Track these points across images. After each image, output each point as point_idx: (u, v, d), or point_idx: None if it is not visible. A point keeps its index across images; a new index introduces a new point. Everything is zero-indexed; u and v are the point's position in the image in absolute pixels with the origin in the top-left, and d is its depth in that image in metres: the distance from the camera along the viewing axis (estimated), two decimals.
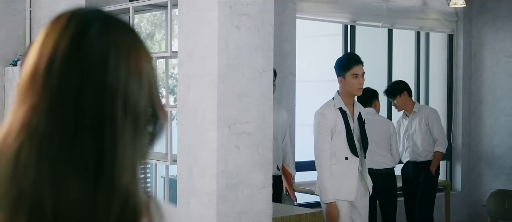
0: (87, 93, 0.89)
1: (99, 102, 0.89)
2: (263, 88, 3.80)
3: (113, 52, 0.92)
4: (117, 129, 0.90)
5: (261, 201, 3.78)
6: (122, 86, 0.91)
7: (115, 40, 0.93)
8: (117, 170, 0.89)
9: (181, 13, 3.83)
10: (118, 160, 0.89)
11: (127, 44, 0.95)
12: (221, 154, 3.62)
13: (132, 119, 0.92)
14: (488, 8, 7.98)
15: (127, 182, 0.90)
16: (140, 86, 0.94)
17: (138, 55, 0.95)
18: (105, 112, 0.89)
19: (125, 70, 0.92)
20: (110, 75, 0.91)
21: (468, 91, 8.14)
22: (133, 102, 0.92)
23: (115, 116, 0.90)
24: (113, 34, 0.94)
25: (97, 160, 0.88)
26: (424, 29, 7.97)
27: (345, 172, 4.51)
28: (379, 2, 7.34)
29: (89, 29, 0.92)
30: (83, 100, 0.89)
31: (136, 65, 0.94)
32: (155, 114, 0.96)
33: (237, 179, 3.68)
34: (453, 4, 7.39)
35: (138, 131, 0.93)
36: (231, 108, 3.67)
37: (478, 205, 7.75)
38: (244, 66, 3.72)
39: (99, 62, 0.91)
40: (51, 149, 0.88)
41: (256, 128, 3.76)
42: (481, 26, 8.06)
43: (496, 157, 7.86)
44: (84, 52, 0.91)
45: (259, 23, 3.77)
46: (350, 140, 4.52)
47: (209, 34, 3.65)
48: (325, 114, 4.53)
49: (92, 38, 0.92)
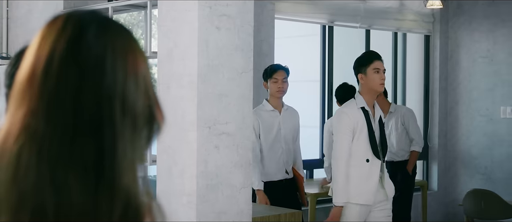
0: (85, 95, 0.90)
1: (98, 103, 0.90)
2: (242, 88, 3.80)
3: (110, 54, 0.93)
4: (116, 130, 0.90)
5: (241, 201, 3.79)
6: (120, 87, 0.92)
7: (112, 42, 0.94)
8: (118, 171, 0.90)
9: (161, 13, 3.83)
10: (118, 160, 0.90)
11: (124, 45, 0.95)
12: (201, 154, 3.63)
13: (130, 119, 0.92)
14: (464, 10, 8.06)
15: (128, 182, 0.90)
16: (137, 87, 0.94)
17: (135, 56, 0.96)
18: (103, 113, 0.90)
19: (123, 72, 0.93)
20: (107, 76, 0.91)
21: (444, 91, 8.21)
22: (131, 103, 0.93)
23: (114, 117, 0.91)
24: (109, 36, 0.95)
25: (97, 161, 0.89)
26: (401, 30, 8.04)
27: (365, 174, 4.30)
28: (357, 3, 7.38)
29: (86, 31, 0.93)
30: (82, 102, 0.90)
31: (133, 66, 0.95)
32: (152, 115, 0.97)
33: (217, 179, 3.69)
34: (430, 5, 7.45)
35: (136, 131, 0.94)
36: (211, 109, 3.67)
37: (454, 204, 7.83)
38: (224, 66, 3.72)
39: (97, 64, 0.91)
40: (51, 151, 0.88)
41: (236, 128, 3.76)
42: (458, 27, 8.14)
43: (472, 157, 7.95)
44: (81, 55, 0.91)
45: (239, 24, 3.78)
46: (372, 141, 4.32)
47: (189, 35, 3.65)
48: (347, 113, 4.35)
49: (89, 40, 0.92)
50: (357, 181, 4.28)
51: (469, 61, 8.01)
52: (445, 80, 8.22)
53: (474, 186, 7.28)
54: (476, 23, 7.95)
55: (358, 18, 7.40)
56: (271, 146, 5.18)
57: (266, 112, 5.23)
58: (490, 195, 5.86)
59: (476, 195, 5.92)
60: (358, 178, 4.29)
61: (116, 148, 0.90)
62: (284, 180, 5.23)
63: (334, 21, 7.26)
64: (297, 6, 6.86)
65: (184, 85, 3.67)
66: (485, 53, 7.85)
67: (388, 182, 4.43)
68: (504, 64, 7.66)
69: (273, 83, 5.22)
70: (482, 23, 7.89)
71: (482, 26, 7.89)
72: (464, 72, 8.06)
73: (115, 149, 0.90)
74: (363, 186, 4.28)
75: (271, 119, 5.22)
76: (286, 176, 5.25)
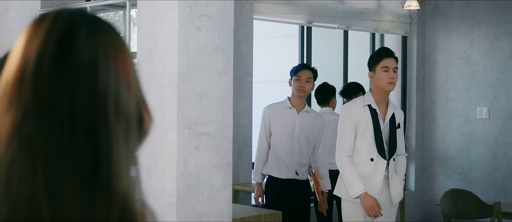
0: (79, 98, 0.86)
1: (92, 107, 0.87)
2: (223, 89, 3.80)
3: (102, 54, 0.89)
4: (111, 134, 0.87)
5: (221, 202, 3.78)
6: (113, 89, 0.89)
7: (104, 42, 0.91)
8: (114, 175, 0.87)
9: (140, 13, 3.80)
10: (114, 165, 0.87)
11: (114, 46, 0.92)
12: (181, 155, 3.61)
13: (124, 122, 0.90)
14: (441, 11, 8.13)
15: (124, 187, 0.88)
16: (129, 88, 0.91)
17: (125, 56, 0.93)
18: (98, 117, 0.87)
19: (115, 73, 0.90)
20: (101, 78, 0.88)
21: (421, 92, 8.27)
22: (124, 105, 0.90)
23: (108, 120, 0.87)
24: (101, 36, 0.91)
25: (93, 166, 0.86)
26: (379, 31, 8.08)
27: (369, 174, 4.19)
28: (335, 4, 7.40)
29: (77, 31, 0.89)
30: (76, 105, 0.86)
31: (124, 67, 0.92)
32: (141, 116, 0.94)
33: (197, 180, 3.68)
34: (407, 6, 7.50)
35: (130, 134, 0.91)
36: (191, 109, 3.66)
37: (432, 204, 7.89)
38: (204, 67, 3.71)
39: (90, 66, 0.88)
40: (46, 158, 0.84)
41: (216, 129, 3.75)
42: (434, 28, 8.20)
43: (449, 157, 8.01)
44: (74, 56, 0.88)
45: (219, 24, 3.77)
46: (378, 140, 4.19)
47: (169, 35, 3.64)
48: (350, 109, 4.26)
49: (80, 40, 0.89)
50: (360, 179, 4.17)
51: (446, 62, 8.07)
52: (422, 80, 8.28)
53: (451, 186, 7.34)
54: (452, 25, 8.02)
55: (336, 19, 7.43)
56: (283, 143, 5.12)
57: (283, 108, 5.18)
58: (467, 195, 5.91)
59: (453, 195, 5.96)
60: (362, 177, 4.17)
61: (112, 152, 0.87)
62: (294, 180, 5.14)
63: (312, 22, 7.27)
64: (275, 6, 6.87)
65: (164, 85, 3.65)
66: (461, 54, 7.92)
67: (395, 186, 4.28)
68: (480, 65, 7.73)
69: (295, 81, 5.15)
70: (459, 25, 7.95)
71: (458, 27, 7.96)
72: (441, 73, 8.12)
73: (111, 153, 0.87)
74: (367, 185, 4.15)
75: (286, 116, 5.15)
76: (296, 176, 5.14)
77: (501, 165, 7.53)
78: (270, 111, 5.16)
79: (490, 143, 7.63)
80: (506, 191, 7.45)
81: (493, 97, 7.63)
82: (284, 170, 5.12)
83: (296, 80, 5.13)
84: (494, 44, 7.63)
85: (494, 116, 7.60)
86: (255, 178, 5.19)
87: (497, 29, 7.60)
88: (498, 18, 7.59)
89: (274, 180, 5.11)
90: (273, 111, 5.16)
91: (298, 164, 5.14)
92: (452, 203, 5.91)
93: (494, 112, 7.61)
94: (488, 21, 7.68)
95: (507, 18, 7.51)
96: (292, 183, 5.12)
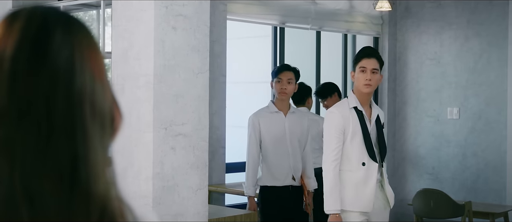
0: (56, 99, 0.85)
1: (69, 107, 0.85)
2: (199, 89, 3.78)
3: (78, 54, 0.88)
4: (88, 134, 0.86)
5: (197, 203, 3.76)
6: (89, 89, 0.87)
7: (79, 41, 0.89)
8: (92, 176, 0.86)
9: (116, 12, 3.77)
10: (92, 166, 0.86)
11: (89, 45, 0.91)
12: (157, 155, 3.59)
13: (99, 122, 0.88)
14: (412, 12, 8.20)
15: (103, 187, 0.87)
16: (103, 88, 0.90)
17: (98, 56, 0.92)
18: (75, 117, 0.85)
19: (90, 73, 0.88)
20: (77, 78, 0.86)
21: (393, 92, 8.34)
22: (99, 105, 0.89)
23: (85, 120, 0.86)
24: (76, 35, 0.90)
25: (72, 167, 0.84)
26: (351, 32, 8.13)
27: (361, 179, 3.98)
28: (308, 5, 7.43)
29: (53, 30, 0.87)
30: (53, 106, 0.84)
31: (98, 67, 0.91)
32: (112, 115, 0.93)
33: (173, 181, 3.65)
34: (379, 7, 7.55)
35: (104, 134, 0.90)
36: (167, 110, 3.64)
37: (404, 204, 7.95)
38: (180, 67, 3.69)
39: (66, 66, 0.86)
40: (24, 160, 0.83)
41: (192, 129, 3.74)
42: (406, 29, 8.27)
43: (420, 157, 8.09)
44: (50, 56, 0.86)
45: (195, 24, 3.75)
46: (367, 143, 3.98)
47: (145, 35, 3.61)
48: (337, 113, 4.02)
49: (56, 40, 0.87)
50: (353, 186, 3.98)
51: (417, 63, 8.15)
52: (393, 81, 8.34)
53: (422, 185, 7.41)
54: (423, 26, 8.10)
55: (309, 19, 7.45)
56: (276, 149, 4.94)
57: (270, 113, 5.00)
58: (439, 195, 5.96)
59: (425, 194, 6.02)
60: (354, 183, 3.97)
61: (89, 153, 0.86)
62: (290, 186, 4.97)
63: (285, 22, 7.29)
64: (249, 7, 6.87)
65: (140, 86, 3.63)
66: (432, 55, 8.00)
67: (389, 188, 4.12)
68: (450, 66, 7.82)
69: (276, 83, 4.99)
70: (430, 26, 8.03)
71: (429, 28, 8.04)
72: (412, 74, 8.19)
73: (88, 154, 0.86)
74: (360, 191, 3.97)
75: (274, 121, 4.98)
76: (293, 182, 4.97)
77: (471, 165, 7.62)
78: (258, 118, 4.97)
79: (461, 143, 7.72)
80: (476, 190, 7.55)
81: (463, 98, 7.72)
82: (280, 177, 4.94)
83: (277, 82, 4.99)
84: (464, 46, 7.72)
85: (464, 116, 7.69)
86: (247, 192, 4.92)
87: (467, 30, 7.70)
88: (468, 19, 7.68)
89: (269, 189, 4.91)
90: (261, 117, 4.98)
91: (294, 168, 4.97)
92: (424, 202, 5.97)
93: (464, 112, 7.70)
94: (459, 22, 7.77)
95: (477, 19, 7.60)
96: (288, 190, 4.96)
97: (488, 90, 7.51)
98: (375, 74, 4.02)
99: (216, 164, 6.40)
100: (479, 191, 7.52)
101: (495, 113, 7.44)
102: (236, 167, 6.78)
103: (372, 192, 3.97)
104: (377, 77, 4.04)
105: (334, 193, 3.93)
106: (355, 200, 3.97)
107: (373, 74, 4.00)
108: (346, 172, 3.99)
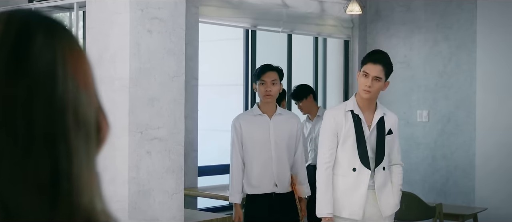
0: (37, 108, 0.80)
1: (50, 117, 0.81)
2: (174, 93, 3.76)
3: (60, 60, 0.83)
4: (71, 145, 0.82)
5: (173, 207, 3.73)
6: (72, 97, 0.83)
7: (61, 47, 0.84)
8: (76, 188, 0.81)
9: (90, 15, 3.73)
10: (75, 177, 0.81)
11: (72, 50, 0.86)
12: (132, 160, 3.55)
13: (84, 132, 0.84)
14: (382, 16, 8.26)
15: (87, 199, 0.83)
16: (88, 96, 0.86)
17: (83, 61, 0.87)
18: (57, 128, 0.81)
19: (73, 80, 0.84)
20: (59, 86, 0.82)
21: None
22: (83, 114, 0.84)
23: (68, 131, 0.82)
24: (58, 40, 0.85)
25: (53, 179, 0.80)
26: (322, 35, 8.16)
27: (351, 185, 3.85)
28: (279, 8, 7.44)
29: (33, 35, 0.82)
30: (33, 115, 0.80)
31: (83, 73, 0.86)
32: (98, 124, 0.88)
33: (148, 185, 3.62)
34: (350, 11, 7.59)
35: (90, 145, 0.85)
36: (143, 113, 3.60)
37: None
38: (156, 70, 3.67)
39: (47, 73, 0.82)
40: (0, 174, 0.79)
41: (167, 133, 3.71)
42: (376, 32, 8.33)
43: None
44: (30, 63, 0.81)
45: (171, 27, 3.73)
46: (360, 148, 3.83)
47: (120, 37, 3.57)
48: (330, 115, 3.92)
49: (38, 45, 0.82)
50: (342, 191, 3.88)
51: None
52: None
53: None
54: (393, 29, 8.17)
55: (281, 22, 7.47)
56: (258, 154, 4.64)
57: (254, 116, 4.69)
58: (411, 197, 6.01)
59: None
60: (344, 189, 3.87)
61: (72, 164, 0.82)
62: (273, 194, 4.65)
63: (257, 25, 7.29)
64: (221, 10, 6.85)
65: (115, 89, 3.59)
66: (402, 59, 8.07)
67: (385, 197, 3.95)
68: (420, 69, 7.89)
69: (260, 86, 4.67)
70: (399, 29, 8.10)
71: (399, 32, 8.11)
72: None
73: (71, 166, 0.81)
74: (349, 197, 3.85)
75: (257, 124, 4.67)
76: (275, 189, 4.65)
77: (440, 167, 7.70)
78: (240, 121, 4.68)
79: (430, 145, 7.80)
80: (445, 192, 7.63)
81: (432, 100, 7.80)
82: (257, 185, 4.63)
83: (260, 84, 4.67)
84: (434, 49, 7.80)
85: (434, 119, 7.77)
86: (232, 199, 4.65)
87: (436, 34, 7.78)
88: (438, 23, 7.77)
89: (250, 198, 4.65)
90: (243, 120, 4.69)
91: (278, 174, 4.64)
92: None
93: (434, 115, 7.78)
94: (428, 26, 7.85)
95: (446, 23, 7.69)
96: (271, 198, 4.65)
97: (457, 93, 7.59)
98: (377, 81, 3.84)
99: (189, 168, 6.37)
100: (448, 193, 7.60)
101: (464, 115, 7.53)
102: (209, 170, 6.76)
103: (362, 199, 3.84)
104: (379, 85, 3.86)
105: (326, 196, 3.85)
106: (343, 205, 3.88)
107: (374, 81, 3.82)
108: (338, 176, 3.90)
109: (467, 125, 7.49)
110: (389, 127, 3.98)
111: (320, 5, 7.95)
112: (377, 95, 3.95)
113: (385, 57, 3.96)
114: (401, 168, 4.13)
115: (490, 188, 7.16)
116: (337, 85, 8.46)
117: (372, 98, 3.90)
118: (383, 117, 3.97)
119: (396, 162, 4.11)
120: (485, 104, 7.26)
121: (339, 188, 3.89)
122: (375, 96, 3.92)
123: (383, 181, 3.93)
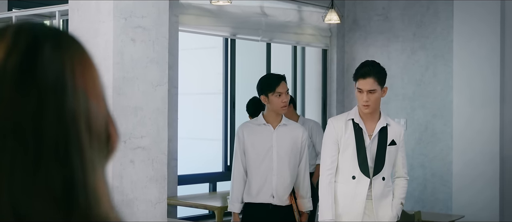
0: (47, 119, 0.80)
1: (61, 127, 0.81)
2: (157, 102, 3.75)
3: (69, 71, 0.83)
4: (84, 156, 0.82)
5: (156, 217, 3.72)
6: (82, 107, 0.83)
7: (70, 57, 0.85)
8: (93, 200, 0.81)
9: (73, 23, 3.71)
10: (92, 188, 0.81)
11: (81, 60, 0.86)
12: (116, 169, 3.54)
13: (96, 142, 0.84)
14: (359, 25, 8.33)
15: (105, 211, 0.83)
16: (99, 105, 0.86)
17: (92, 71, 0.88)
18: (69, 138, 0.81)
19: (83, 90, 0.84)
20: (69, 96, 0.82)
21: (341, 104, 8.43)
22: (94, 124, 0.84)
23: (81, 141, 0.82)
24: (66, 50, 0.85)
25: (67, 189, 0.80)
26: (300, 44, 8.20)
27: (350, 193, 3.89)
28: (259, 17, 7.46)
29: (42, 46, 0.83)
30: (43, 126, 0.80)
31: (92, 83, 0.87)
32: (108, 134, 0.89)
33: (132, 194, 3.61)
34: (328, 20, 7.64)
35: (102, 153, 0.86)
36: (126, 123, 3.59)
37: None
38: (139, 79, 3.66)
39: (57, 83, 0.82)
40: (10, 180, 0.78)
41: (151, 142, 3.70)
42: (354, 42, 8.40)
43: None
44: (39, 73, 0.81)
45: (154, 36, 3.73)
46: (361, 156, 3.87)
47: (103, 46, 3.56)
48: (332, 123, 3.97)
49: (46, 57, 0.83)
50: (342, 199, 3.92)
51: None
52: (342, 93, 8.45)
53: None
54: (371, 38, 8.23)
55: (260, 31, 7.50)
56: (259, 164, 4.57)
57: (257, 125, 4.62)
58: None
59: None
60: (343, 197, 3.91)
61: (88, 175, 0.81)
62: (270, 205, 4.56)
63: (236, 34, 7.31)
64: (200, 19, 6.86)
65: None
66: None
67: (384, 208, 3.96)
68: (397, 78, 7.96)
69: (276, 98, 4.54)
70: (377, 38, 8.17)
71: (377, 41, 8.18)
72: None
73: (87, 177, 0.81)
74: (348, 205, 3.90)
75: (260, 134, 4.59)
76: (272, 200, 4.55)
77: (418, 176, 7.76)
78: (243, 129, 4.63)
79: (408, 153, 7.84)
80: (423, 200, 7.69)
81: (410, 109, 7.87)
82: (258, 194, 4.57)
83: (276, 96, 4.54)
84: (411, 58, 7.88)
85: (411, 127, 7.84)
86: (231, 207, 4.62)
87: (413, 43, 7.86)
88: (415, 33, 7.85)
89: (247, 206, 4.60)
90: (246, 128, 4.63)
91: (277, 185, 4.55)
92: None
93: (411, 123, 7.85)
94: (405, 35, 7.93)
95: (423, 33, 7.77)
96: (268, 209, 4.57)
97: (434, 102, 7.67)
98: (373, 93, 3.87)
99: (169, 176, 6.35)
100: (426, 201, 7.66)
101: (441, 124, 7.61)
102: (189, 179, 6.74)
103: (360, 207, 3.88)
104: (376, 96, 3.89)
105: (327, 202, 3.90)
106: (342, 213, 3.92)
107: (370, 95, 3.86)
108: (338, 184, 3.95)
109: (444, 134, 7.57)
110: (392, 138, 3.99)
111: (299, 14, 8.00)
112: (378, 104, 3.98)
113: (374, 68, 3.98)
114: (405, 182, 4.14)
115: (467, 195, 7.24)
116: (316, 94, 8.50)
117: (374, 111, 3.94)
118: (386, 126, 3.98)
119: (400, 175, 4.12)
120: (461, 113, 7.34)
121: (339, 195, 3.94)
122: (376, 107, 3.95)
123: (381, 191, 3.94)
